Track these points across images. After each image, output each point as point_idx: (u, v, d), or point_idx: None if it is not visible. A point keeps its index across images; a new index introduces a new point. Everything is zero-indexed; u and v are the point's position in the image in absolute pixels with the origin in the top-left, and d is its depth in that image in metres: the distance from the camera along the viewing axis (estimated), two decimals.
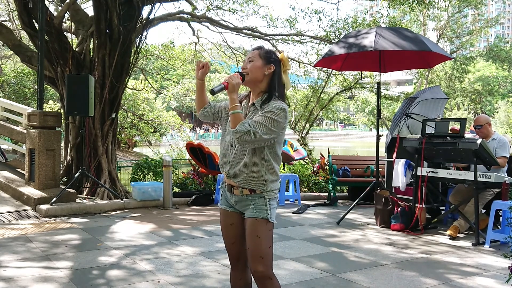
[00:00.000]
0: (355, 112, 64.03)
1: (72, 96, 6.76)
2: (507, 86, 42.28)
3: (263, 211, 2.35)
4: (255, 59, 2.39)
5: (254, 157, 2.33)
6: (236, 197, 2.41)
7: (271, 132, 2.25)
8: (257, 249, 2.31)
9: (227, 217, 2.50)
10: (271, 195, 2.38)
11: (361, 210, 7.46)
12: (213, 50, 17.46)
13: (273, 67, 2.39)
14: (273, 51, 2.47)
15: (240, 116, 2.23)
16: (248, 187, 2.35)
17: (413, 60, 6.97)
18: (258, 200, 2.35)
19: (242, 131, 2.19)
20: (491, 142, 5.66)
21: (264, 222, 2.34)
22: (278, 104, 2.29)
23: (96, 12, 7.69)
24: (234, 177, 2.38)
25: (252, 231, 2.33)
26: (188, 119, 34.22)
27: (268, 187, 2.36)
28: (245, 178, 2.34)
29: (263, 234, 2.32)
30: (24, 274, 3.78)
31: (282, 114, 2.27)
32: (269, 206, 2.36)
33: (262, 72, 2.38)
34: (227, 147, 2.42)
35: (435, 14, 28.58)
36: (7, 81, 17.01)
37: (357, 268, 4.19)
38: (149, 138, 20.97)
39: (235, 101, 2.26)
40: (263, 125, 2.23)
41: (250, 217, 2.36)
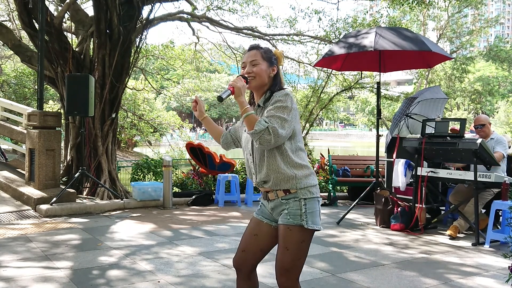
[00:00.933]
0: (355, 112, 64.01)
1: (72, 96, 6.76)
2: (507, 86, 42.27)
3: (297, 217, 2.16)
4: (259, 62, 2.31)
5: (274, 157, 2.21)
6: (272, 203, 2.28)
7: (286, 121, 2.13)
8: (283, 261, 2.18)
9: (255, 225, 2.37)
10: (306, 194, 2.19)
11: (361, 210, 7.46)
12: (213, 50, 17.46)
13: (276, 68, 2.35)
14: (270, 50, 2.40)
15: (254, 117, 2.13)
16: (280, 188, 2.22)
17: (413, 60, 6.97)
18: (293, 203, 2.19)
19: (260, 130, 2.08)
20: (490, 141, 5.67)
21: (297, 229, 2.16)
22: (281, 93, 2.23)
23: (96, 12, 7.69)
24: (264, 183, 2.27)
25: (282, 242, 2.18)
26: (188, 119, 34.23)
27: (301, 183, 2.19)
28: (273, 181, 2.22)
29: (293, 245, 2.16)
30: (24, 274, 3.79)
31: (288, 99, 2.19)
32: (304, 210, 2.17)
33: (268, 75, 2.32)
34: (248, 157, 2.34)
35: (435, 14, 28.59)
36: (7, 81, 17.02)
37: (357, 268, 4.20)
38: (149, 138, 20.98)
39: (245, 103, 2.17)
40: (276, 116, 2.13)
41: (282, 223, 2.20)
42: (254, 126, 2.10)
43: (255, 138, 2.11)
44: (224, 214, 6.87)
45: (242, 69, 2.36)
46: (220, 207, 7.52)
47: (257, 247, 2.32)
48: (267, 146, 2.13)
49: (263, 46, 2.40)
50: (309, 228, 2.17)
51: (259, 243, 2.32)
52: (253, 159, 2.29)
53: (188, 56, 16.46)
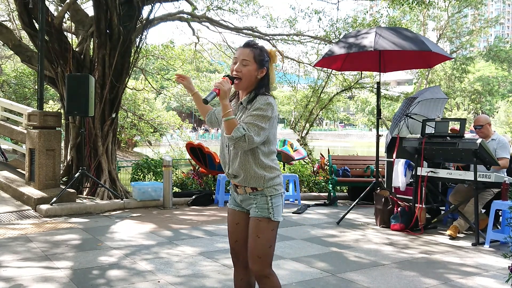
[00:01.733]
0: (355, 112, 64.03)
1: (72, 96, 6.76)
2: (506, 86, 42.30)
3: (264, 210, 2.36)
4: (249, 63, 2.35)
5: (247, 157, 2.35)
6: (241, 196, 2.46)
7: (262, 130, 2.26)
8: (255, 248, 2.35)
9: (234, 216, 2.53)
10: (272, 191, 2.37)
11: (361, 210, 7.46)
12: (213, 50, 17.47)
13: (265, 70, 2.40)
14: (265, 50, 2.43)
15: (234, 122, 2.23)
16: (248, 185, 2.38)
17: (413, 60, 6.97)
18: (260, 198, 2.37)
19: (238, 137, 2.21)
20: (491, 142, 5.65)
21: (265, 221, 2.35)
22: (264, 100, 2.30)
23: (96, 12, 7.69)
24: (234, 177, 2.42)
25: (253, 231, 2.37)
26: (188, 119, 34.20)
27: (268, 183, 2.36)
28: (243, 178, 2.37)
29: (263, 234, 2.35)
30: (24, 274, 3.79)
31: (269, 108, 2.29)
32: (271, 204, 2.36)
33: (255, 76, 2.38)
34: (223, 148, 2.46)
35: (435, 14, 28.58)
36: (7, 81, 17.02)
37: (357, 268, 4.20)
38: (149, 138, 20.97)
39: (228, 107, 2.25)
40: (254, 124, 2.25)
41: (252, 216, 2.39)
42: (232, 132, 2.21)
43: (231, 142, 2.25)
44: (224, 214, 6.87)
45: (233, 64, 2.40)
46: (220, 207, 7.52)
47: (244, 233, 2.48)
48: (240, 150, 2.31)
49: (258, 45, 2.42)
50: (274, 220, 2.38)
51: (244, 229, 2.48)
52: (228, 151, 2.42)
53: (188, 56, 16.47)
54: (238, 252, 2.53)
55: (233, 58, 2.43)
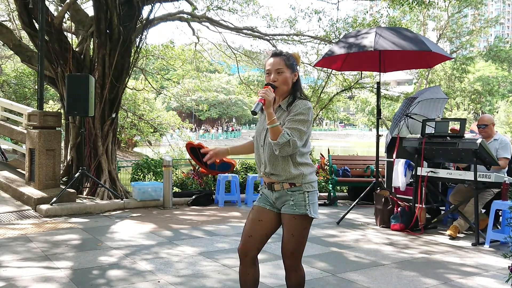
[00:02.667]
0: (355, 112, 64.01)
1: (72, 96, 6.76)
2: (507, 86, 42.28)
3: (302, 207, 2.45)
4: (284, 70, 2.50)
5: (284, 158, 2.45)
6: (277, 193, 2.52)
7: (304, 134, 2.42)
8: (289, 245, 2.49)
9: (260, 213, 2.58)
10: (309, 188, 2.47)
11: (361, 210, 7.46)
12: (213, 50, 17.45)
13: (297, 74, 2.57)
14: (291, 55, 2.57)
15: (279, 129, 2.36)
16: (286, 181, 2.47)
17: (413, 60, 6.97)
18: (298, 195, 2.46)
19: (283, 142, 2.34)
20: (493, 142, 5.65)
21: (301, 218, 2.45)
22: (304, 104, 2.45)
23: (96, 12, 7.69)
24: (271, 175, 2.50)
25: (288, 229, 2.48)
26: (188, 119, 34.19)
27: (306, 179, 2.46)
28: (280, 174, 2.46)
29: (298, 232, 2.47)
30: (24, 274, 3.79)
31: (310, 113, 2.45)
32: (308, 201, 2.45)
33: (291, 81, 2.53)
34: (259, 148, 2.57)
35: (435, 14, 28.59)
36: (7, 81, 17.02)
37: (357, 268, 4.20)
38: (149, 138, 20.98)
39: (272, 115, 2.37)
40: (296, 129, 2.39)
41: (287, 213, 2.47)
42: (277, 138, 2.35)
43: (276, 147, 2.37)
44: (224, 214, 6.87)
45: (267, 75, 2.54)
46: (220, 207, 7.52)
47: (263, 231, 2.57)
48: (285, 154, 2.41)
49: (284, 52, 2.57)
50: (312, 216, 2.48)
51: (264, 228, 2.56)
52: (264, 151, 2.53)
53: (188, 56, 16.45)
54: (248, 248, 2.56)
55: (266, 70, 2.56)
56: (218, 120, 64.72)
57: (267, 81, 2.51)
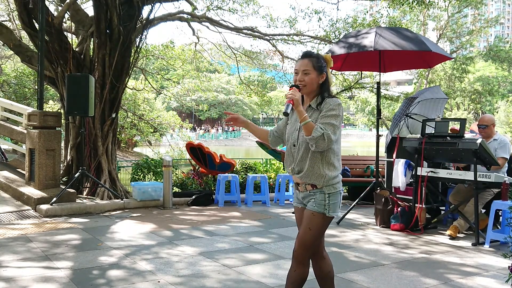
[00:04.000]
0: (355, 112, 63.99)
1: (72, 96, 6.76)
2: (506, 86, 42.28)
3: (321, 206, 2.56)
4: (310, 72, 2.60)
5: (315, 154, 2.56)
6: (302, 194, 2.68)
7: (337, 128, 2.52)
8: (304, 237, 2.59)
9: (299, 213, 2.74)
10: (330, 189, 2.57)
11: (361, 210, 7.46)
12: (213, 50, 17.45)
13: (325, 75, 2.65)
14: (321, 56, 2.66)
15: (312, 125, 2.48)
16: (309, 182, 2.59)
17: (413, 60, 6.97)
18: (319, 195, 2.58)
19: (317, 136, 2.44)
20: (492, 142, 5.65)
21: (319, 216, 2.56)
22: (334, 101, 2.57)
23: (96, 12, 7.69)
24: (297, 173, 2.63)
25: (306, 222, 2.59)
26: (188, 119, 34.19)
27: (328, 182, 2.56)
28: (305, 173, 2.58)
29: (315, 227, 2.57)
30: (24, 274, 3.79)
31: (340, 108, 2.56)
32: (328, 201, 2.56)
33: (317, 82, 2.63)
34: (290, 148, 2.69)
35: (435, 14, 28.57)
36: (7, 81, 17.01)
37: (357, 268, 4.20)
38: (149, 138, 20.98)
39: (303, 113, 2.49)
40: (330, 124, 2.50)
41: (308, 208, 2.61)
42: (312, 133, 2.46)
43: (311, 142, 2.48)
44: (224, 214, 6.87)
45: (295, 75, 2.66)
46: (220, 207, 7.52)
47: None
48: (321, 149, 2.51)
49: (315, 54, 2.67)
50: (329, 216, 2.59)
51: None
52: (297, 149, 2.63)
53: (188, 56, 16.45)
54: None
55: (294, 70, 2.67)
56: (218, 120, 64.73)
57: (294, 81, 2.64)
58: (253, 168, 9.21)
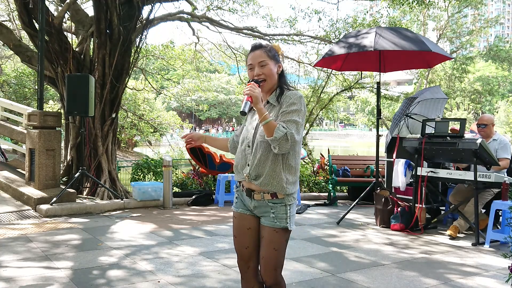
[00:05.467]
0: (355, 112, 64.06)
1: (72, 96, 6.76)
2: (506, 86, 42.30)
3: (283, 220, 2.28)
4: (267, 62, 2.33)
5: (276, 156, 2.26)
6: (256, 202, 2.34)
7: (300, 126, 2.24)
8: (272, 261, 2.28)
9: (244, 221, 2.43)
10: (291, 200, 2.31)
11: (361, 210, 7.46)
12: (213, 50, 17.47)
13: (281, 65, 2.40)
14: (271, 46, 2.41)
15: (273, 124, 2.16)
16: (269, 190, 2.27)
17: (413, 60, 6.97)
18: (279, 208, 2.28)
19: (280, 137, 2.14)
20: (492, 142, 5.65)
21: (282, 232, 2.29)
22: (294, 94, 2.29)
23: (96, 12, 7.69)
24: (255, 178, 2.29)
25: (270, 242, 2.28)
26: (188, 119, 34.18)
27: (288, 189, 2.27)
28: (265, 178, 2.26)
29: (280, 245, 2.29)
30: (24, 274, 3.79)
31: (302, 102, 2.28)
32: (289, 214, 2.30)
33: (276, 74, 2.37)
34: (245, 148, 2.36)
35: (435, 14, 28.57)
36: (7, 81, 17.01)
37: (357, 268, 4.20)
38: (149, 138, 21.00)
39: (263, 110, 2.18)
40: (292, 121, 2.21)
41: (268, 226, 2.30)
42: (273, 133, 2.15)
43: (274, 144, 2.17)
44: (224, 214, 6.87)
45: (250, 71, 2.37)
46: (220, 207, 7.52)
47: (255, 239, 2.39)
48: (284, 151, 2.20)
49: (264, 43, 2.41)
50: (290, 229, 2.32)
51: (255, 234, 2.39)
52: (252, 150, 2.31)
53: (188, 56, 16.47)
54: (248, 259, 2.40)
55: (248, 66, 2.39)
56: (218, 120, 64.75)
57: (250, 77, 2.35)
58: None
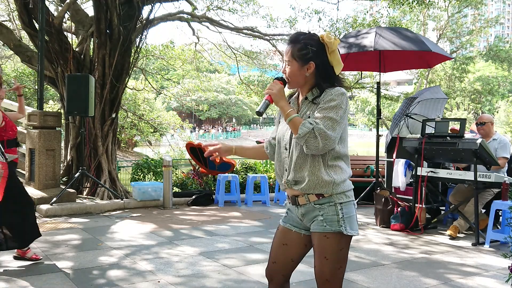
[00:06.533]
0: (355, 112, 64.01)
1: (72, 96, 6.76)
2: (506, 86, 42.28)
3: (334, 222, 1.98)
4: (290, 62, 2.06)
5: (314, 157, 1.99)
6: (303, 208, 2.06)
7: (337, 123, 1.93)
8: (323, 272, 2.00)
9: (283, 234, 2.17)
10: (342, 198, 2.01)
11: (361, 210, 7.46)
12: (213, 50, 17.48)
13: (313, 64, 2.04)
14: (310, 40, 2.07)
15: (298, 119, 1.95)
16: (313, 192, 2.01)
17: (413, 60, 6.98)
18: (328, 208, 1.99)
19: (305, 133, 1.89)
20: (492, 142, 5.66)
21: (335, 236, 1.97)
22: (336, 91, 1.98)
23: (96, 12, 7.69)
24: (295, 184, 2.05)
25: (320, 251, 2.00)
26: (188, 119, 34.19)
27: (338, 189, 2.00)
28: (307, 184, 2.00)
29: (332, 254, 1.98)
30: (24, 274, 3.78)
31: (343, 99, 1.96)
32: (342, 215, 1.99)
33: (303, 75, 2.05)
34: (282, 152, 2.12)
35: (435, 14, 28.58)
36: (7, 81, 17.01)
37: (357, 268, 4.20)
38: (149, 138, 21.01)
39: (286, 107, 1.99)
40: (326, 117, 1.92)
41: (317, 231, 2.00)
42: (298, 130, 1.92)
43: (301, 143, 1.94)
44: (224, 214, 6.87)
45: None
46: (220, 207, 7.52)
47: (288, 257, 2.15)
48: (315, 151, 1.93)
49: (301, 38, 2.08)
50: (348, 234, 1.99)
51: (289, 253, 2.15)
52: (289, 154, 2.07)
53: (188, 56, 16.48)
54: (273, 273, 2.19)
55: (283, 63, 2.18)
56: (218, 120, 64.74)
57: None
58: (253, 168, 9.21)
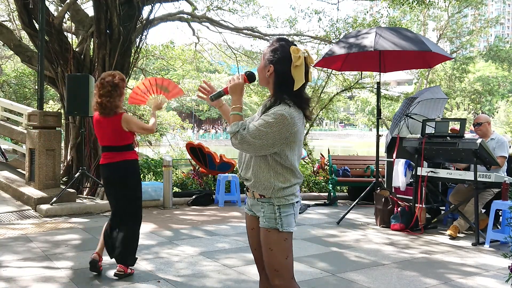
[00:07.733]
0: (355, 112, 64.00)
1: (72, 96, 6.76)
2: (507, 86, 42.27)
3: (271, 220, 2.15)
4: (262, 59, 2.21)
5: (259, 162, 2.16)
6: (250, 200, 2.29)
7: (263, 136, 2.04)
8: (271, 262, 2.17)
9: (248, 221, 2.35)
10: (281, 201, 2.15)
11: (361, 210, 7.46)
12: (213, 50, 17.48)
13: (272, 68, 2.15)
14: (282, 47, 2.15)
15: (235, 117, 2.12)
16: (257, 191, 2.19)
17: (413, 60, 6.97)
18: (267, 207, 2.17)
19: (231, 131, 2.09)
20: (490, 142, 5.66)
21: (274, 232, 2.15)
22: (278, 109, 2.08)
23: (96, 12, 7.69)
24: (246, 180, 2.26)
25: (265, 243, 2.18)
26: (188, 119, 34.20)
27: (277, 194, 2.14)
28: (253, 183, 2.18)
29: (275, 246, 2.15)
30: (24, 274, 3.79)
31: (279, 119, 2.04)
32: (278, 214, 2.15)
33: (264, 74, 2.18)
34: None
35: (435, 14, 28.57)
36: (7, 81, 17.01)
37: (357, 268, 4.20)
38: (149, 138, 20.98)
39: (236, 102, 2.14)
40: (256, 128, 2.06)
41: (261, 226, 2.20)
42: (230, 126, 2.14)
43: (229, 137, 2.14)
44: (224, 214, 6.87)
45: None
46: (220, 207, 7.52)
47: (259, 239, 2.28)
48: (237, 148, 2.12)
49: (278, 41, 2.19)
50: (284, 231, 2.15)
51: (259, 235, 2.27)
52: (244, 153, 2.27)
53: (188, 56, 16.48)
54: (259, 259, 2.31)
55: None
56: (218, 120, 64.73)
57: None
58: None
